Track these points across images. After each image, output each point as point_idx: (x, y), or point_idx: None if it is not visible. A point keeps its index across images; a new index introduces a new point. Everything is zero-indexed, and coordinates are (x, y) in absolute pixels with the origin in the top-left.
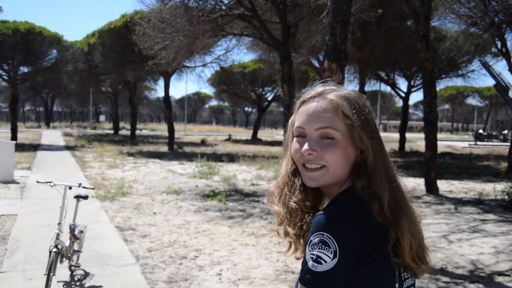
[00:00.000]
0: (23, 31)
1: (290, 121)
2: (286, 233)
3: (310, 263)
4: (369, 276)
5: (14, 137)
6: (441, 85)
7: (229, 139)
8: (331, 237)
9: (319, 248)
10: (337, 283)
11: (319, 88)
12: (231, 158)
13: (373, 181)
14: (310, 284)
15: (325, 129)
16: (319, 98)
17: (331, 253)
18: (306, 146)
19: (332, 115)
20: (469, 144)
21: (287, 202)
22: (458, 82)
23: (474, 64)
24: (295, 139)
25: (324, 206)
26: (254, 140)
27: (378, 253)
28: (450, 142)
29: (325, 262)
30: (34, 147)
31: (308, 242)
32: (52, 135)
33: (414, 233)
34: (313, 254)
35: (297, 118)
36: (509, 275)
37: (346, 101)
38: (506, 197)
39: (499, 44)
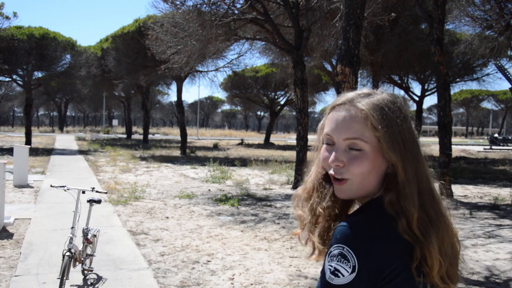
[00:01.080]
0: (37, 37)
1: (320, 124)
2: (309, 239)
3: (327, 274)
4: None
5: (28, 141)
6: (455, 89)
7: (241, 144)
8: (351, 251)
9: (337, 261)
10: None
11: (350, 94)
12: (244, 162)
13: (402, 197)
14: None
15: (353, 140)
16: (349, 105)
17: (350, 267)
18: (332, 157)
19: (362, 125)
20: (484, 148)
21: (315, 208)
22: (473, 85)
23: (489, 67)
24: (324, 145)
25: (352, 211)
26: (267, 144)
27: (400, 271)
28: (465, 146)
29: (343, 275)
30: (48, 152)
31: (328, 252)
32: (65, 140)
33: (446, 250)
34: (331, 266)
35: (327, 124)
36: None
37: (377, 111)
38: None
39: None
